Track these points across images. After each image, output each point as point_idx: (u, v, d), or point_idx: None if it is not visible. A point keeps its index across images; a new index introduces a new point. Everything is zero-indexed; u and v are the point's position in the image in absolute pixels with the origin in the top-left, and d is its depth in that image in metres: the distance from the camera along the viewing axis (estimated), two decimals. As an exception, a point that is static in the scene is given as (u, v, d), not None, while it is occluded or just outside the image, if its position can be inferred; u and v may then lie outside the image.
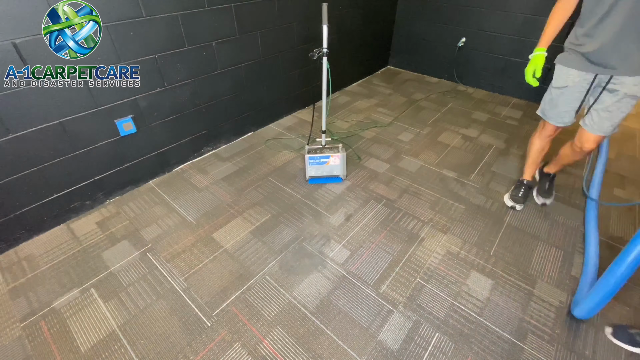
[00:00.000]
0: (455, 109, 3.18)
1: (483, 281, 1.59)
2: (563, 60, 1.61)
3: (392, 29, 3.89)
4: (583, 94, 1.59)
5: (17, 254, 1.69)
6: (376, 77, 3.90)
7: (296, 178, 2.24)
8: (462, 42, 3.45)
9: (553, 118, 1.73)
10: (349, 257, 1.69)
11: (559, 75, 1.63)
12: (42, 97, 1.56)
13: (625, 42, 1.37)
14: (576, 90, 1.59)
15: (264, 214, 1.95)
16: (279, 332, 1.37)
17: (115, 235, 1.80)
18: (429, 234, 1.83)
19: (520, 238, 1.82)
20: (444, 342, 1.35)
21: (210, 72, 2.19)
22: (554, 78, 1.66)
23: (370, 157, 2.48)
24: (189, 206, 1.99)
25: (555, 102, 1.68)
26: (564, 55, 1.61)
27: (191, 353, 1.30)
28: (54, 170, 1.73)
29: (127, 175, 2.05)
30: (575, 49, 1.54)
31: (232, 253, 1.71)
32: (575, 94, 1.60)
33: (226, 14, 2.11)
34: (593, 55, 1.47)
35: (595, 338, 1.37)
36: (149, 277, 1.59)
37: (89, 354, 1.30)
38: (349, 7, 3.07)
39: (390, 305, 1.48)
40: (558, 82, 1.64)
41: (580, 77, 1.56)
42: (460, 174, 2.31)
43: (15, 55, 1.42)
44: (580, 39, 1.50)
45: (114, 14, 1.63)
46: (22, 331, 1.37)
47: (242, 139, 2.66)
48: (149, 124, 2.02)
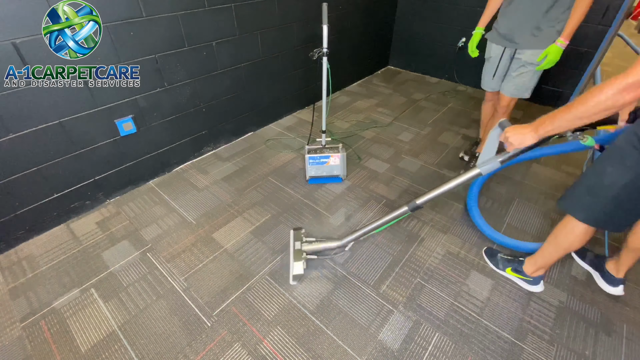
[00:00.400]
0: (455, 109, 3.18)
1: (483, 281, 1.59)
2: (489, 37, 2.03)
3: (392, 29, 3.89)
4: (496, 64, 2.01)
5: (17, 254, 1.69)
6: (376, 77, 3.90)
7: (296, 178, 2.24)
8: (462, 42, 3.42)
9: (485, 85, 2.18)
10: (349, 257, 1.69)
11: (487, 49, 2.07)
12: (42, 97, 1.56)
13: (524, 23, 1.78)
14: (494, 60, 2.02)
15: (264, 214, 1.95)
16: (279, 332, 1.37)
17: (115, 235, 1.80)
18: (429, 234, 1.83)
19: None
20: (444, 342, 1.35)
21: (210, 72, 2.19)
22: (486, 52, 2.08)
23: (370, 157, 2.48)
24: (189, 206, 1.99)
25: (485, 72, 2.14)
26: (490, 32, 2.02)
27: (191, 353, 1.30)
28: (54, 170, 1.73)
29: (127, 175, 2.05)
30: (495, 27, 1.96)
31: (232, 253, 1.71)
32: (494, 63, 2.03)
33: (226, 14, 2.11)
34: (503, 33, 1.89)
35: (595, 338, 1.37)
36: (149, 277, 1.59)
37: (89, 354, 1.30)
38: (349, 7, 3.07)
39: (390, 305, 1.48)
40: (486, 54, 2.08)
41: (496, 50, 1.98)
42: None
43: (15, 55, 1.42)
44: (498, 20, 1.93)
45: (114, 14, 1.63)
46: (22, 331, 1.37)
47: (242, 139, 2.66)
48: (149, 124, 2.02)
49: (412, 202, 1.33)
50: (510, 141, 1.06)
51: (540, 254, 1.45)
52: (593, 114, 0.88)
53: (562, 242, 1.33)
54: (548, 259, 1.42)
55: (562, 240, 1.32)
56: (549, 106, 3.21)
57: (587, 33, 2.74)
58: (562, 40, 1.71)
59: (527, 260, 1.52)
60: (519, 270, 1.54)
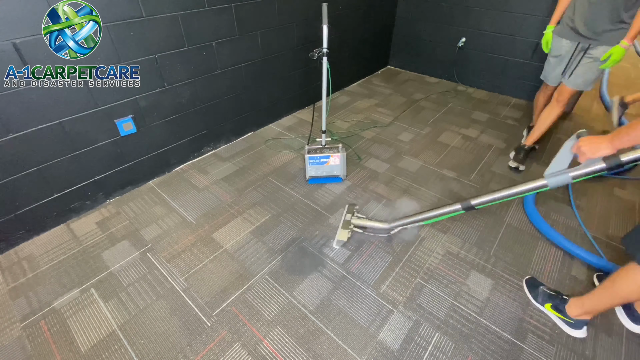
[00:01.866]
0: (455, 109, 3.18)
1: (483, 281, 1.59)
2: (558, 32, 2.07)
3: (392, 29, 3.89)
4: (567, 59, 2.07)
5: (17, 254, 1.69)
6: (376, 77, 3.90)
7: (296, 178, 2.24)
8: (462, 42, 3.45)
9: (549, 79, 2.25)
10: (349, 257, 1.69)
11: (554, 44, 2.11)
12: (42, 97, 1.56)
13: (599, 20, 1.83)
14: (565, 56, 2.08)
15: (264, 214, 1.95)
16: (279, 332, 1.37)
17: (115, 235, 1.80)
18: (429, 234, 1.83)
19: (520, 238, 1.82)
20: (444, 342, 1.35)
21: (210, 72, 2.19)
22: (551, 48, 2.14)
23: (370, 157, 2.48)
24: (189, 206, 1.99)
25: (550, 66, 2.21)
26: (559, 27, 2.07)
27: (191, 353, 1.30)
28: (54, 170, 1.73)
29: (127, 175, 2.05)
30: (566, 22, 2.00)
31: (232, 253, 1.71)
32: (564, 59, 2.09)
33: (226, 14, 2.11)
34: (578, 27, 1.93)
35: (595, 338, 1.37)
36: (149, 277, 1.59)
37: (89, 354, 1.30)
38: (348, 7, 3.07)
39: (390, 305, 1.48)
40: (554, 50, 2.12)
41: (568, 45, 2.03)
42: (460, 174, 2.31)
43: (15, 55, 1.42)
44: (571, 15, 1.97)
45: (113, 14, 1.63)
46: (22, 331, 1.37)
47: (242, 139, 2.66)
48: (149, 124, 2.02)
49: (467, 202, 1.31)
50: (583, 150, 0.99)
51: (591, 297, 1.27)
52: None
53: (620, 289, 1.15)
54: (599, 305, 1.24)
55: (621, 287, 1.15)
56: (549, 106, 3.20)
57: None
58: (626, 42, 1.77)
59: (573, 300, 1.34)
60: (561, 309, 1.37)
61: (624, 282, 1.14)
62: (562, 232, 1.81)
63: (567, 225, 1.89)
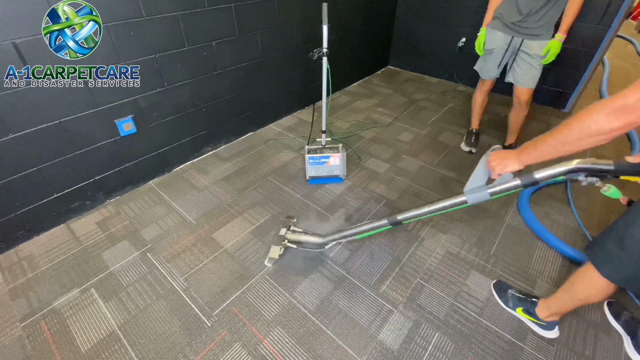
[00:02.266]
0: (455, 109, 3.19)
1: (483, 281, 1.59)
2: (492, 25, 2.07)
3: (392, 28, 3.89)
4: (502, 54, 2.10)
5: (17, 254, 1.69)
6: (376, 77, 3.90)
7: (296, 178, 2.24)
8: (462, 42, 3.45)
9: (485, 74, 2.27)
10: (349, 257, 1.69)
11: (488, 39, 2.12)
12: (42, 97, 1.56)
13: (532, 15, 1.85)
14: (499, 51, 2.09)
15: (264, 214, 1.95)
16: (279, 332, 1.37)
17: (115, 235, 1.80)
18: (429, 234, 1.83)
19: (520, 238, 1.82)
20: (444, 342, 1.35)
21: (210, 72, 2.19)
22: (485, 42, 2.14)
23: (370, 157, 2.48)
24: (189, 206, 1.99)
25: (485, 61, 2.22)
26: (493, 21, 2.08)
27: (191, 353, 1.30)
28: (54, 170, 1.73)
29: (127, 175, 2.05)
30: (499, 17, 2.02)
31: (232, 253, 1.71)
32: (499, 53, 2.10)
33: (226, 14, 2.11)
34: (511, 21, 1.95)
35: (595, 338, 1.37)
36: (149, 277, 1.59)
37: (89, 354, 1.30)
38: (349, 7, 3.07)
39: (390, 305, 1.48)
40: (488, 44, 2.12)
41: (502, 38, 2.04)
42: (460, 174, 2.31)
43: (15, 55, 1.42)
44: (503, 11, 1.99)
45: (114, 14, 1.63)
46: (22, 331, 1.37)
47: (242, 139, 2.66)
48: (149, 124, 2.02)
49: (393, 217, 1.28)
50: (492, 165, 0.98)
51: (554, 299, 1.29)
52: (578, 140, 0.78)
53: (579, 292, 1.17)
54: (563, 307, 1.27)
55: (580, 291, 1.16)
56: (549, 106, 3.21)
57: (587, 33, 2.74)
58: (561, 35, 1.83)
59: (541, 302, 1.36)
60: (531, 312, 1.38)
61: (581, 284, 1.16)
62: (562, 233, 1.81)
63: (566, 226, 1.89)
